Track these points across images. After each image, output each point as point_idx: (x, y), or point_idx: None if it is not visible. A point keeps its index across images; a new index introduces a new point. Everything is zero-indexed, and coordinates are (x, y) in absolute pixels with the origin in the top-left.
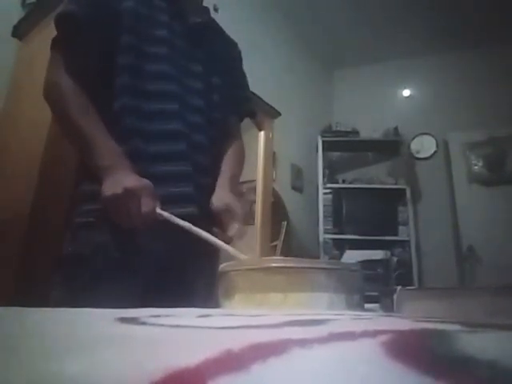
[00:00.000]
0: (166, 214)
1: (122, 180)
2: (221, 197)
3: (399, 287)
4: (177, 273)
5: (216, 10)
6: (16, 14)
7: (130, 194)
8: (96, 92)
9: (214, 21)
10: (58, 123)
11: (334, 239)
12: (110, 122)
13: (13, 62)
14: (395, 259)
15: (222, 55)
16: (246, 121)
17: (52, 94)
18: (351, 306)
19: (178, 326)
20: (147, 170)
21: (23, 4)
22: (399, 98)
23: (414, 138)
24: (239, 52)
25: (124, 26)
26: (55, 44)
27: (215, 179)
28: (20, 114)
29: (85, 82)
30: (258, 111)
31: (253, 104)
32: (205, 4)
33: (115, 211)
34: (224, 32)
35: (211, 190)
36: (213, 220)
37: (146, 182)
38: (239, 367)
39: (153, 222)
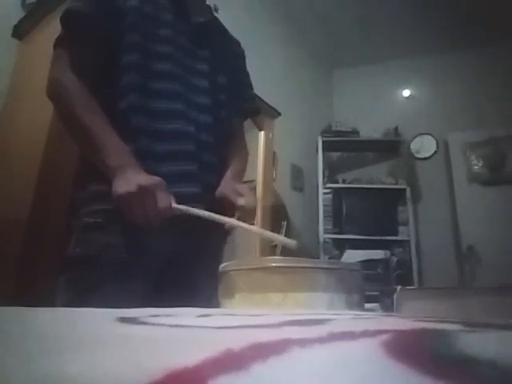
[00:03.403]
0: (182, 207)
1: (133, 178)
2: (225, 185)
3: (399, 287)
4: (182, 272)
5: (216, 10)
6: (16, 14)
7: (144, 191)
8: (99, 90)
9: (217, 20)
10: (62, 121)
11: (333, 239)
12: (115, 121)
13: (13, 62)
14: (395, 259)
15: (226, 54)
16: (247, 121)
17: (56, 92)
18: (351, 305)
19: (177, 326)
20: (154, 170)
21: (23, 4)
22: (399, 98)
23: (414, 138)
24: (242, 51)
25: (129, 24)
26: (60, 41)
27: (221, 178)
28: (20, 114)
29: (89, 80)
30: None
31: (256, 103)
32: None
33: (130, 209)
34: (227, 31)
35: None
36: (220, 203)
37: (157, 178)
38: (239, 367)
39: (169, 217)
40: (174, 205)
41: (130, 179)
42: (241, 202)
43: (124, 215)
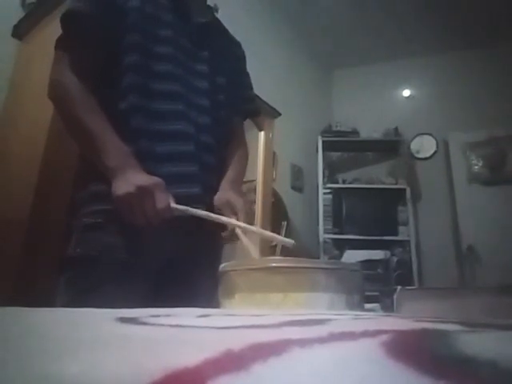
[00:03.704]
0: (181, 207)
1: (132, 178)
2: (222, 195)
3: (399, 287)
4: (182, 272)
5: (216, 10)
6: (16, 13)
7: (143, 192)
8: (100, 91)
9: (217, 20)
10: (63, 122)
11: (333, 239)
12: (115, 122)
13: (13, 62)
14: (395, 259)
15: (226, 55)
16: (247, 121)
17: (57, 93)
18: (351, 305)
19: (177, 326)
20: (155, 170)
21: (23, 4)
22: (399, 98)
23: (414, 138)
24: (243, 52)
25: (130, 24)
26: (60, 42)
27: (221, 179)
28: (20, 113)
29: (89, 81)
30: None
31: (256, 103)
32: None
33: (129, 210)
34: (228, 31)
35: (218, 190)
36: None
37: (156, 178)
38: (239, 367)
39: (168, 217)
40: (173, 205)
41: (129, 180)
42: (225, 234)
43: (123, 216)
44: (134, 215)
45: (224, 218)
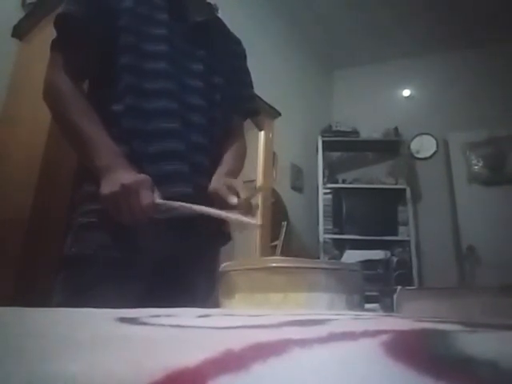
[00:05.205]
0: (164, 202)
1: (118, 177)
2: (217, 180)
3: (399, 287)
4: (178, 272)
5: (216, 10)
6: (16, 14)
7: (127, 190)
8: (96, 92)
9: (217, 18)
10: (56, 124)
11: (334, 239)
12: (108, 123)
13: (13, 62)
14: (395, 259)
15: (224, 54)
16: (246, 121)
17: (51, 95)
18: (351, 305)
19: (178, 326)
20: (146, 170)
21: (23, 4)
22: (399, 98)
23: (414, 138)
24: (243, 50)
25: (123, 25)
26: (54, 45)
27: None
28: (20, 114)
29: (83, 82)
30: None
31: (256, 102)
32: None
33: (115, 209)
34: (228, 29)
35: None
36: (212, 200)
37: (142, 176)
38: (239, 367)
39: (154, 213)
40: (158, 201)
41: (115, 179)
42: (232, 200)
43: (111, 215)
44: (120, 213)
45: (196, 207)
